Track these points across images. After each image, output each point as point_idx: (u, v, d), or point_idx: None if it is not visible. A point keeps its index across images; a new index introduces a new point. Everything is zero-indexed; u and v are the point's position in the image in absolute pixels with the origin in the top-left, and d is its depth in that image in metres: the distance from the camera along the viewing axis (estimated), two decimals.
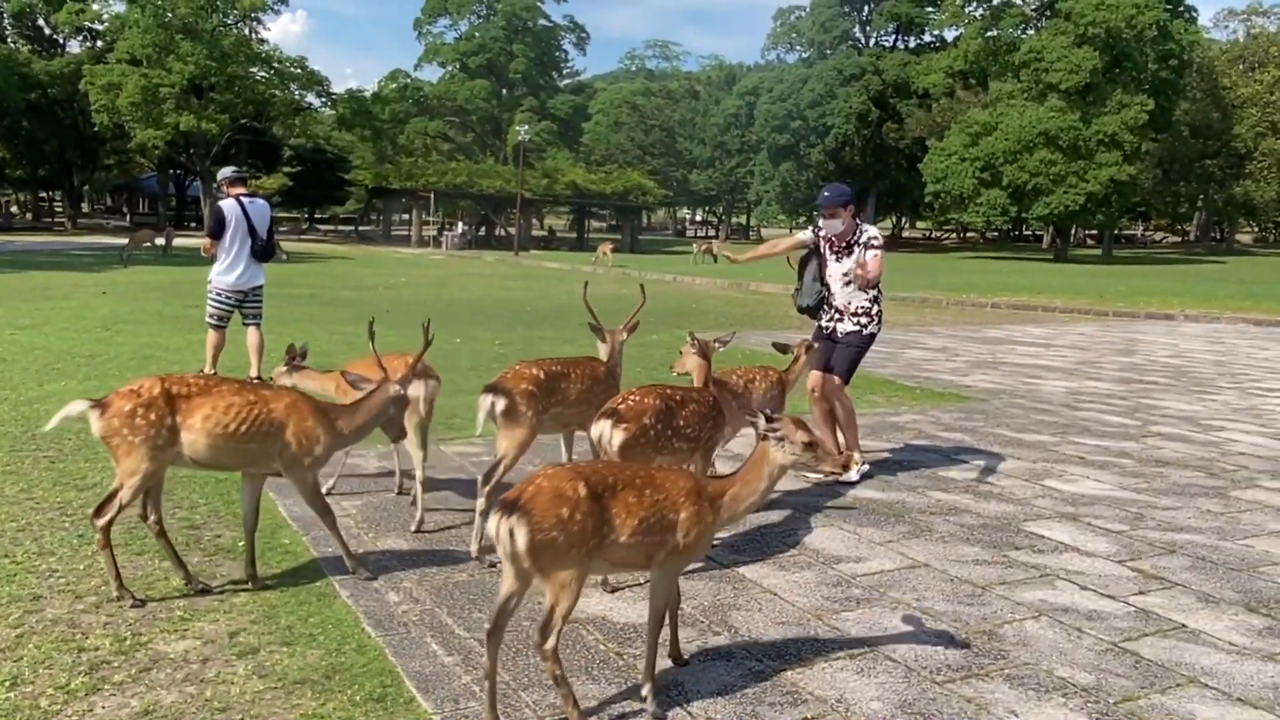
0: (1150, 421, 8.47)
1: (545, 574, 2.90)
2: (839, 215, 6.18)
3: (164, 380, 3.92)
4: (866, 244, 6.19)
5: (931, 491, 5.98)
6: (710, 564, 4.57)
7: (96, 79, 49.47)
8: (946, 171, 49.12)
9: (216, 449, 3.93)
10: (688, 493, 3.18)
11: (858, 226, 6.26)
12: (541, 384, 4.75)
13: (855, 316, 6.34)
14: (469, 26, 70.24)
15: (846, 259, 6.26)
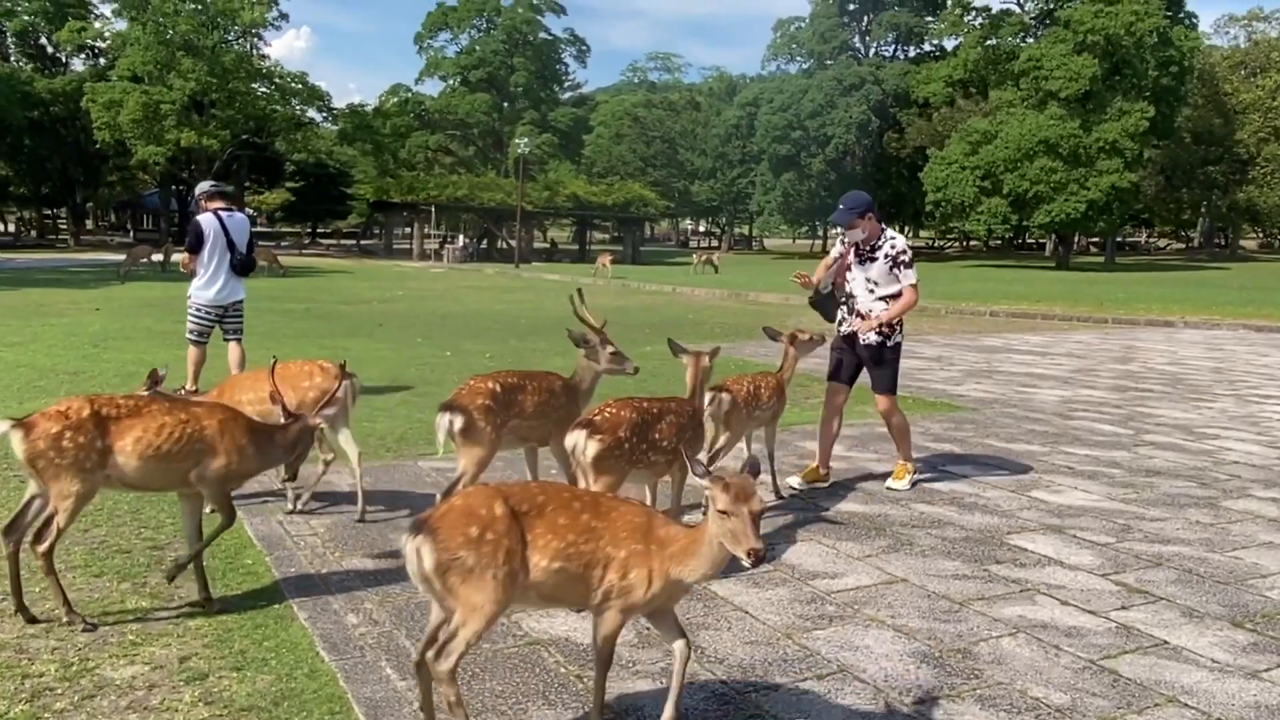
0: (1143, 430, 8.35)
1: (455, 596, 2.78)
2: (858, 225, 6.07)
3: (93, 401, 3.82)
4: (896, 259, 6.05)
5: (915, 504, 5.87)
6: None
7: (98, 96, 49.66)
8: (947, 180, 49.05)
9: (148, 470, 3.84)
10: (634, 529, 2.88)
11: (882, 231, 6.14)
12: (498, 397, 4.67)
13: (882, 326, 6.17)
14: (469, 40, 70.46)
15: (870, 264, 6.14)
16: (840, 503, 5.87)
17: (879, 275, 6.15)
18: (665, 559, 2.84)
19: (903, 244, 6.19)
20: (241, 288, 8.63)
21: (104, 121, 50.19)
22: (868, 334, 6.20)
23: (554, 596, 2.95)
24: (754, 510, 2.65)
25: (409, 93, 69.30)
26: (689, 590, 3.11)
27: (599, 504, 2.98)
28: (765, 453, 6.02)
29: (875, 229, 6.13)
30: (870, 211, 6.13)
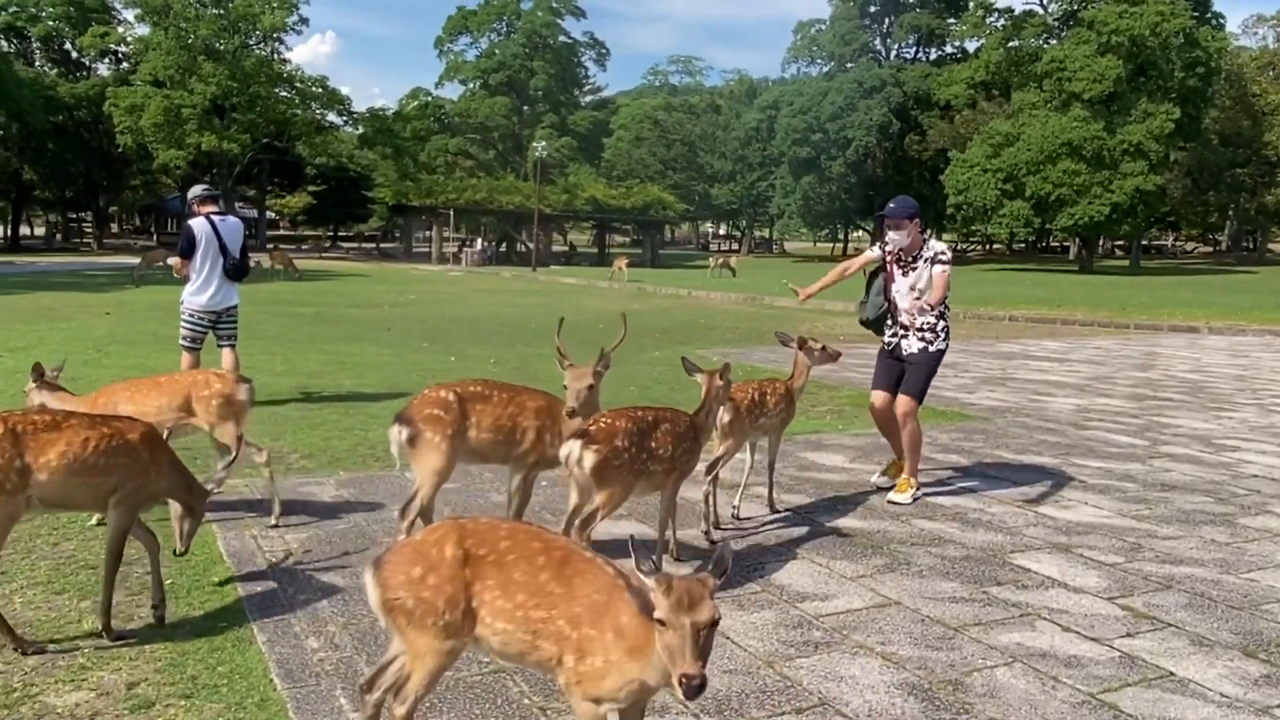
0: (1160, 441, 8.08)
1: (402, 636, 2.61)
2: (904, 227, 6.01)
3: (6, 419, 3.63)
4: (934, 259, 5.99)
5: (916, 520, 5.65)
6: None
7: (120, 100, 50.06)
8: (968, 183, 48.57)
9: (71, 488, 3.67)
10: (593, 608, 2.43)
11: (925, 242, 6.09)
12: (451, 408, 4.47)
13: (920, 333, 6.11)
14: (489, 44, 70.61)
15: (914, 273, 6.07)
16: (839, 517, 5.66)
17: (922, 281, 6.06)
18: (623, 654, 2.35)
19: (942, 246, 6.15)
20: (235, 293, 8.51)
21: (126, 126, 50.61)
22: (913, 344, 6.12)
23: (512, 658, 2.64)
24: (698, 623, 2.12)
25: (429, 96, 69.53)
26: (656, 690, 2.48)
27: (566, 564, 2.54)
28: (766, 462, 5.81)
29: (918, 239, 6.10)
30: (918, 218, 6.11)
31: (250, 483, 6.00)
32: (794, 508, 5.83)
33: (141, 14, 53.25)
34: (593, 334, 15.48)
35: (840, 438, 7.87)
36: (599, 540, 5.11)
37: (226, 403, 5.22)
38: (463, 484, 6.08)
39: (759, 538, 5.25)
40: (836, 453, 7.32)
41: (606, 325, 17.20)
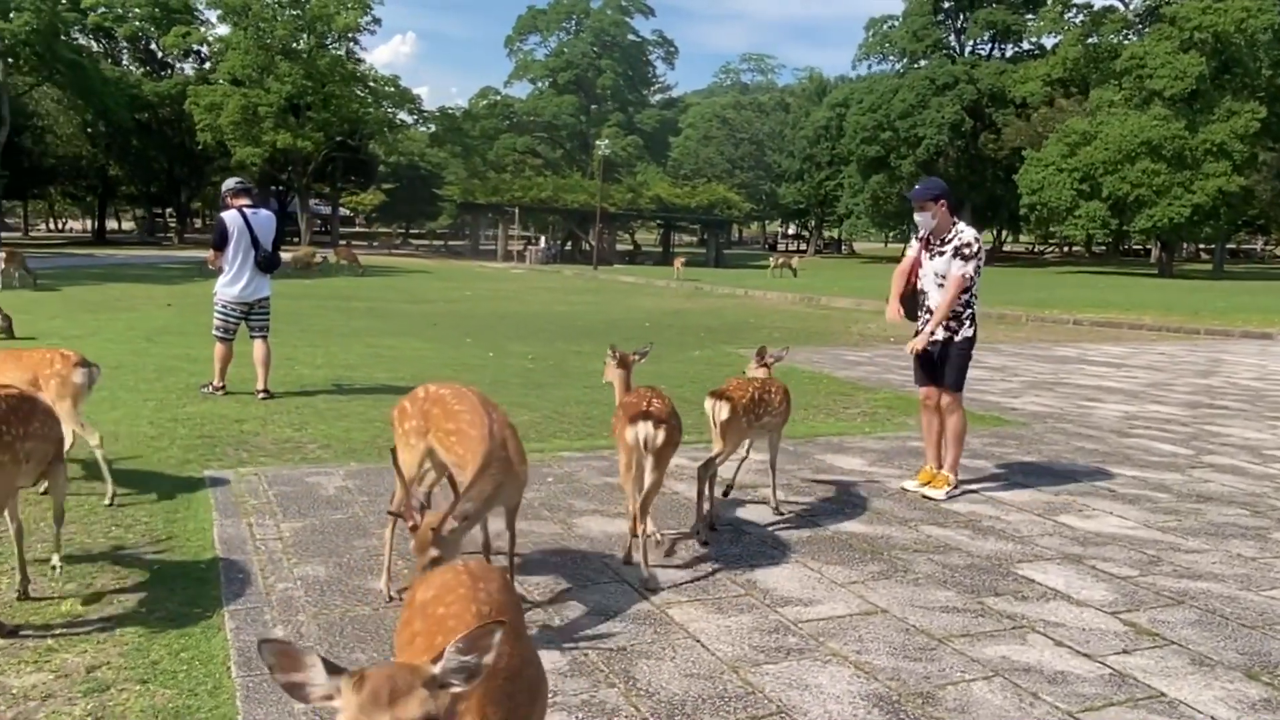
0: (1205, 450, 7.72)
1: None
2: (928, 209, 5.93)
3: None
4: (959, 249, 5.88)
5: (925, 526, 5.46)
6: (640, 600, 4.18)
7: (200, 99, 51.49)
8: (1043, 183, 47.34)
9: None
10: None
11: (954, 225, 5.97)
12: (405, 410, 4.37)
13: (945, 320, 5.99)
14: (558, 43, 71.02)
15: (939, 259, 5.98)
16: (844, 521, 5.50)
17: (944, 268, 5.97)
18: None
19: (971, 237, 5.97)
20: (267, 284, 8.65)
21: (206, 123, 52.04)
22: (934, 333, 6.04)
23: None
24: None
25: (498, 95, 70.20)
26: None
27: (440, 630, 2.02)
28: (769, 463, 5.70)
29: (947, 221, 5.98)
30: (944, 199, 5.98)
31: (253, 471, 6.05)
32: (800, 510, 5.69)
33: (222, 14, 54.77)
34: (637, 333, 15.44)
35: (865, 441, 7.68)
36: (593, 537, 5.06)
37: (62, 383, 5.37)
38: None
39: (756, 539, 5.13)
40: (857, 455, 7.14)
41: (653, 324, 17.17)
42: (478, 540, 4.47)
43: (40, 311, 15.14)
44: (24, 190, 62.58)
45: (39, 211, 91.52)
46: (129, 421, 7.29)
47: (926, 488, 6.10)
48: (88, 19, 55.13)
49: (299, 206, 58.97)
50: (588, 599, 4.20)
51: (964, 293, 5.96)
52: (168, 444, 6.68)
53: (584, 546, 4.89)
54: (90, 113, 53.08)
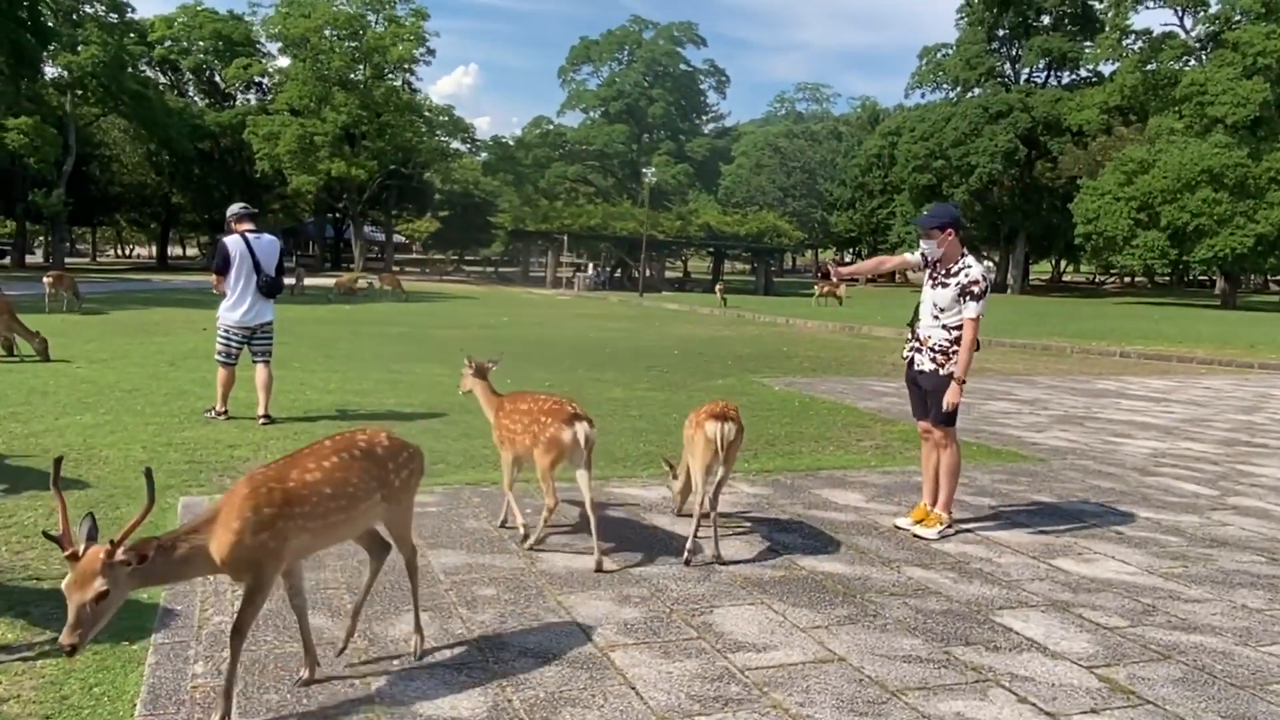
0: (1232, 491, 7.32)
1: None
2: (934, 237, 5.75)
3: None
4: (966, 289, 5.63)
5: (909, 567, 5.20)
6: (583, 642, 4.00)
7: (259, 128, 52.76)
8: (1099, 212, 46.40)
9: None
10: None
11: (962, 257, 5.74)
12: None
13: (933, 351, 5.80)
14: (610, 73, 71.60)
15: (943, 289, 5.74)
16: (823, 559, 5.26)
17: (947, 302, 5.75)
18: None
19: (979, 273, 5.71)
20: (269, 309, 8.65)
21: (264, 152, 53.32)
22: (924, 362, 5.84)
23: None
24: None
25: (550, 124, 70.92)
26: None
27: None
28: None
29: (955, 251, 5.76)
30: (952, 228, 5.78)
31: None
32: (781, 547, 5.46)
33: (283, 47, 56.23)
34: (665, 360, 15.29)
35: (869, 475, 7.41)
36: (554, 573, 4.87)
37: None
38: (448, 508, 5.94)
39: (727, 578, 4.91)
40: (857, 490, 6.88)
41: (683, 351, 17.00)
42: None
43: (79, 334, 15.45)
44: (91, 217, 64.58)
45: (107, 238, 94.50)
46: (123, 445, 7.31)
47: (918, 526, 5.84)
48: (154, 52, 57.01)
49: (353, 233, 60.00)
50: (529, 639, 4.03)
51: (958, 329, 5.71)
52: (154, 468, 6.64)
53: (541, 583, 4.72)
54: (154, 142, 54.66)
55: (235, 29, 59.20)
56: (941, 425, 5.84)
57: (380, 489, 3.54)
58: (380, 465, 3.57)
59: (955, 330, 5.73)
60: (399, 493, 3.65)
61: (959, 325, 5.71)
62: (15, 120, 41.02)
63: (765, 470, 7.41)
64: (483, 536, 5.40)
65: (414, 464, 3.75)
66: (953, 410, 5.81)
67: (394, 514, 3.69)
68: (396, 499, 3.65)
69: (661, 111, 68.69)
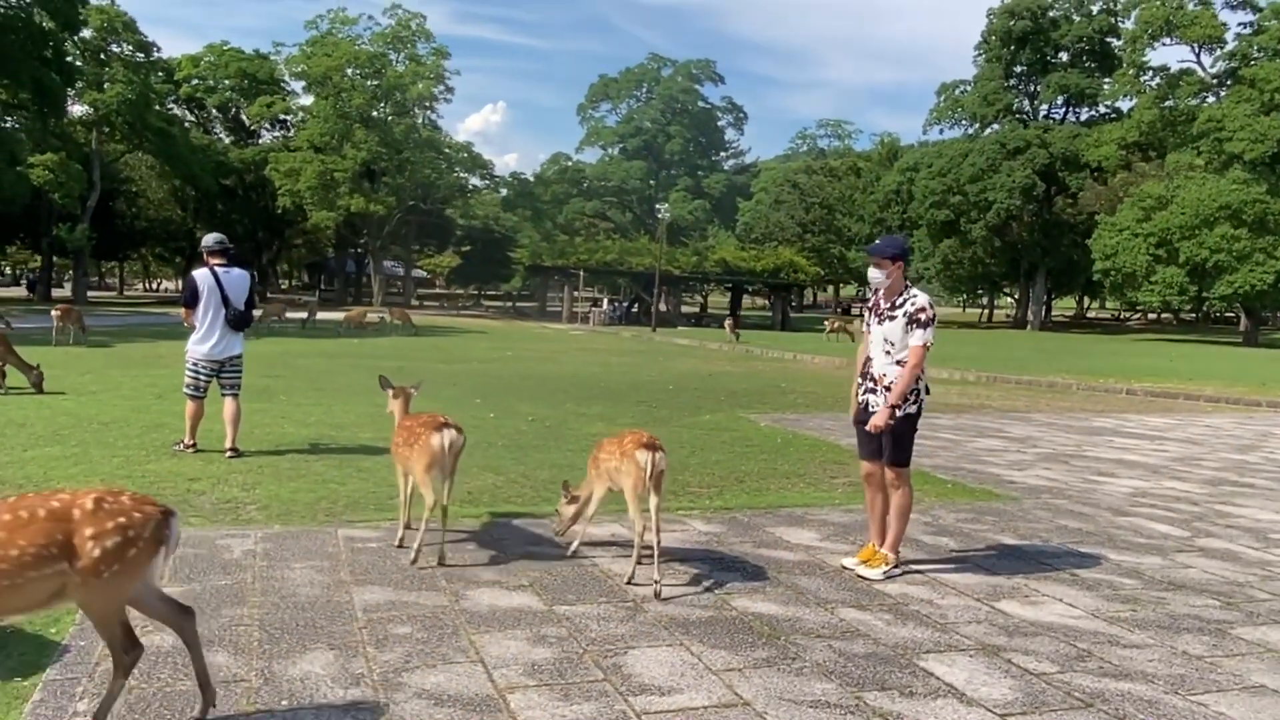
0: (1204, 533, 7.14)
1: None
2: (884, 267, 5.68)
3: None
4: (912, 318, 5.55)
5: (845, 608, 5.08)
6: (484, 685, 3.91)
7: (280, 165, 53.50)
8: (1117, 248, 46.13)
9: None
10: None
11: (906, 289, 5.68)
12: None
13: (888, 393, 5.64)
14: (628, 110, 72.24)
15: (890, 322, 5.66)
16: (758, 600, 5.15)
17: (897, 335, 5.65)
18: None
19: (924, 302, 5.64)
20: (238, 343, 8.66)
21: (286, 188, 54.03)
22: (894, 410, 5.63)
23: None
24: None
25: (569, 161, 71.55)
26: None
27: None
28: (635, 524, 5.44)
29: (899, 283, 5.71)
30: (901, 260, 5.70)
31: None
32: (715, 586, 5.36)
33: (307, 85, 57.16)
34: (659, 395, 15.22)
35: (830, 513, 7.29)
36: (477, 611, 4.80)
37: None
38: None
39: (654, 617, 4.81)
40: (814, 529, 6.77)
41: (678, 387, 16.92)
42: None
43: (77, 367, 15.59)
44: (117, 251, 65.57)
45: (136, 271, 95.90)
46: (82, 478, 7.32)
47: (863, 566, 5.72)
48: (180, 90, 58.06)
49: (372, 268, 60.54)
50: (429, 680, 3.95)
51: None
52: None
53: (460, 621, 4.64)
54: (178, 178, 55.56)
55: (260, 67, 60.25)
56: (895, 466, 5.71)
57: (65, 559, 3.03)
58: (70, 531, 3.06)
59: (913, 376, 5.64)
60: (95, 567, 3.06)
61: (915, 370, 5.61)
62: (40, 157, 41.85)
63: (725, 507, 7.31)
64: (414, 573, 5.33)
65: (128, 534, 3.12)
66: (906, 450, 5.69)
67: (88, 594, 3.12)
68: (91, 575, 3.06)
69: (679, 148, 69.16)
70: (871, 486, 5.88)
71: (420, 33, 57.31)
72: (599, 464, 5.55)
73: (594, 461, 5.63)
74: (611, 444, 5.48)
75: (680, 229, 64.00)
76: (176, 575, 5.13)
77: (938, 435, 11.85)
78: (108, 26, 47.12)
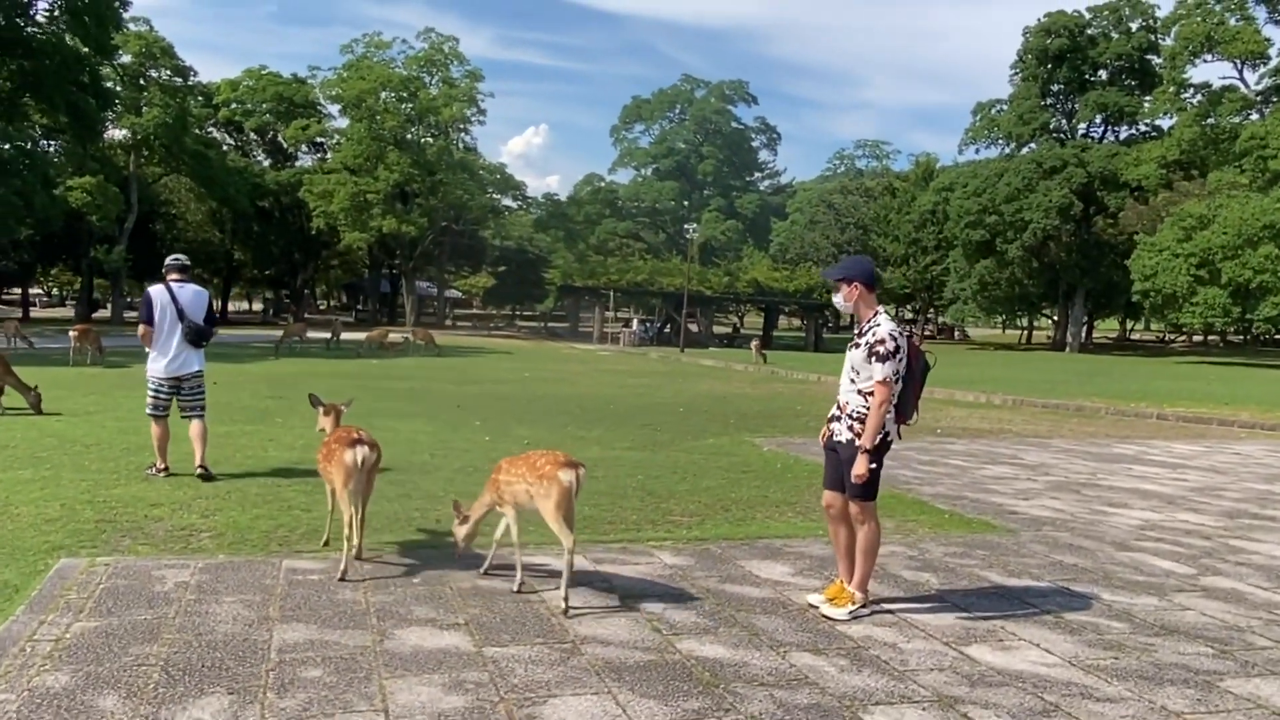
0: (1211, 570, 6.69)
1: None
2: (841, 290, 5.41)
3: None
4: (872, 349, 5.22)
5: (798, 652, 4.73)
6: None
7: (314, 187, 54.09)
8: (1156, 268, 45.01)
9: None
10: None
11: (875, 315, 5.35)
12: None
13: (850, 420, 5.35)
14: (661, 131, 72.27)
15: (855, 350, 5.36)
16: (706, 640, 4.81)
17: (859, 364, 5.33)
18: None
19: (885, 332, 5.26)
20: (196, 359, 8.49)
21: (320, 210, 54.58)
22: (842, 431, 5.39)
23: None
24: None
25: (602, 182, 71.66)
26: None
27: None
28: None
29: (866, 308, 5.39)
30: (859, 282, 5.38)
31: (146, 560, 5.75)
32: (665, 625, 5.03)
33: (342, 108, 57.83)
34: (668, 417, 14.91)
35: (811, 545, 6.94)
36: (399, 652, 4.51)
37: None
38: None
39: (589, 660, 4.50)
40: (789, 562, 6.43)
41: (688, 409, 16.61)
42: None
43: (86, 387, 15.62)
44: (155, 271, 66.51)
45: None
46: (43, 502, 7.17)
47: (828, 605, 5.37)
48: (219, 113, 58.97)
49: (405, 288, 60.88)
50: None
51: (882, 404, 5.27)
52: (58, 527, 6.49)
53: (377, 664, 4.36)
54: (214, 201, 56.36)
55: (296, 91, 61.07)
56: (859, 500, 5.37)
57: None
58: None
59: (871, 397, 5.30)
60: None
61: (873, 391, 5.28)
62: (79, 180, 42.57)
63: (700, 538, 6.99)
64: (347, 609, 5.07)
65: None
66: (871, 484, 5.34)
67: None
68: None
69: (711, 168, 69.00)
70: (832, 519, 5.56)
71: (453, 55, 57.79)
72: (499, 486, 5.44)
73: (493, 484, 5.51)
74: (517, 465, 5.39)
75: (713, 249, 63.75)
76: (98, 608, 4.91)
77: (946, 462, 11.43)
78: (146, 52, 48.00)
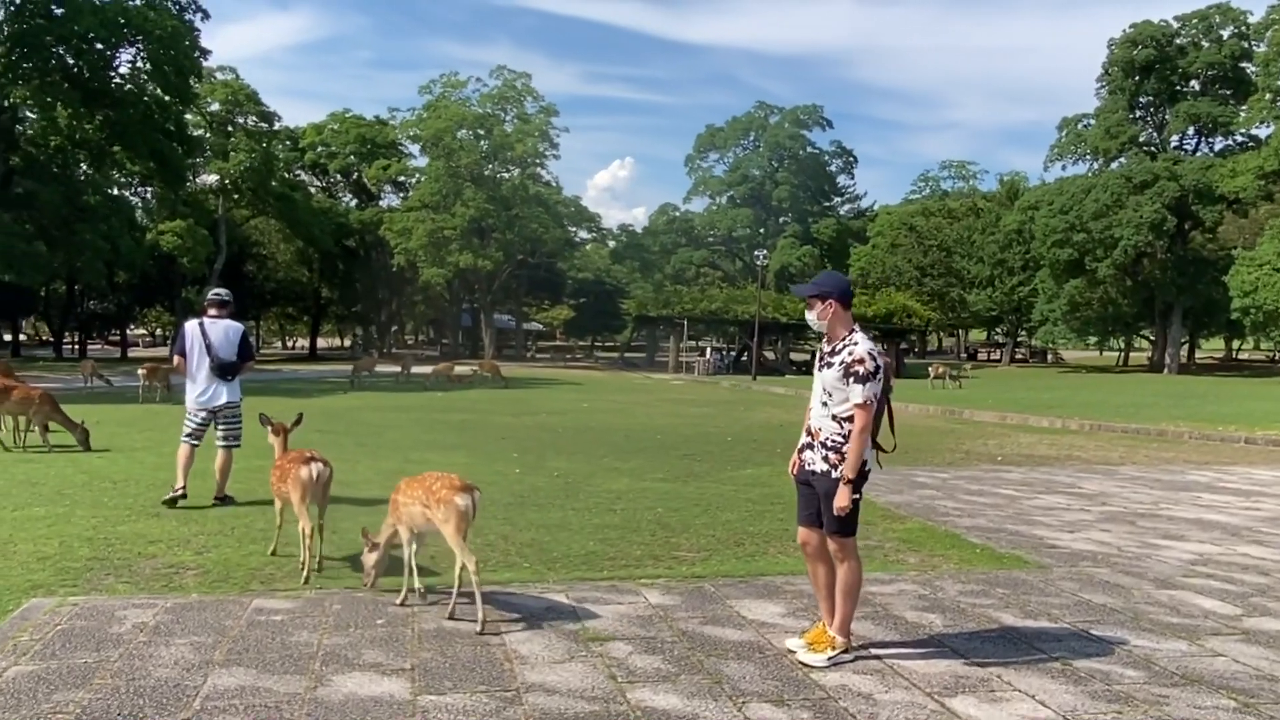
0: (1259, 610, 6.06)
1: None
2: (814, 307, 5.02)
3: None
4: (849, 369, 4.83)
5: (759, 704, 4.36)
6: None
7: (394, 225, 55.33)
8: (1256, 284, 42.93)
9: None
10: None
11: (850, 334, 4.96)
12: None
13: (825, 449, 4.95)
14: (735, 158, 72.08)
15: (828, 369, 4.97)
16: (662, 689, 4.47)
17: (833, 385, 4.93)
18: None
19: (864, 351, 4.85)
20: (227, 391, 8.76)
21: (400, 246, 55.79)
22: (816, 461, 4.98)
23: None
24: None
25: (677, 211, 71.73)
26: None
27: None
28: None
29: (840, 326, 4.99)
30: (833, 298, 4.98)
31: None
32: (623, 672, 4.70)
33: (421, 147, 59.20)
34: (712, 447, 14.54)
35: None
36: (334, 703, 4.29)
37: None
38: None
39: (525, 710, 4.20)
40: (782, 602, 6.04)
41: (735, 438, 16.20)
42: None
43: (145, 424, 15.99)
44: (247, 311, 68.87)
45: (274, 331, 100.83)
46: (44, 539, 7.21)
47: (807, 650, 4.96)
48: (305, 156, 60.92)
49: (483, 321, 61.70)
50: None
51: (849, 420, 4.87)
52: (48, 565, 6.49)
53: (301, 714, 4.13)
54: (301, 241, 58.13)
55: (378, 132, 62.75)
56: (837, 536, 4.95)
57: None
58: None
59: (847, 422, 4.89)
60: None
61: (850, 416, 4.88)
62: (169, 224, 44.30)
63: (697, 575, 6.64)
64: (295, 653, 4.87)
65: None
66: (850, 520, 4.92)
67: None
68: None
69: (787, 194, 68.49)
70: (810, 557, 5.15)
71: (526, 91, 58.68)
72: (398, 507, 5.59)
73: (393, 505, 5.66)
74: (414, 487, 5.50)
75: (788, 275, 63.03)
76: (44, 651, 4.81)
77: (996, 491, 10.83)
78: (232, 99, 49.90)
